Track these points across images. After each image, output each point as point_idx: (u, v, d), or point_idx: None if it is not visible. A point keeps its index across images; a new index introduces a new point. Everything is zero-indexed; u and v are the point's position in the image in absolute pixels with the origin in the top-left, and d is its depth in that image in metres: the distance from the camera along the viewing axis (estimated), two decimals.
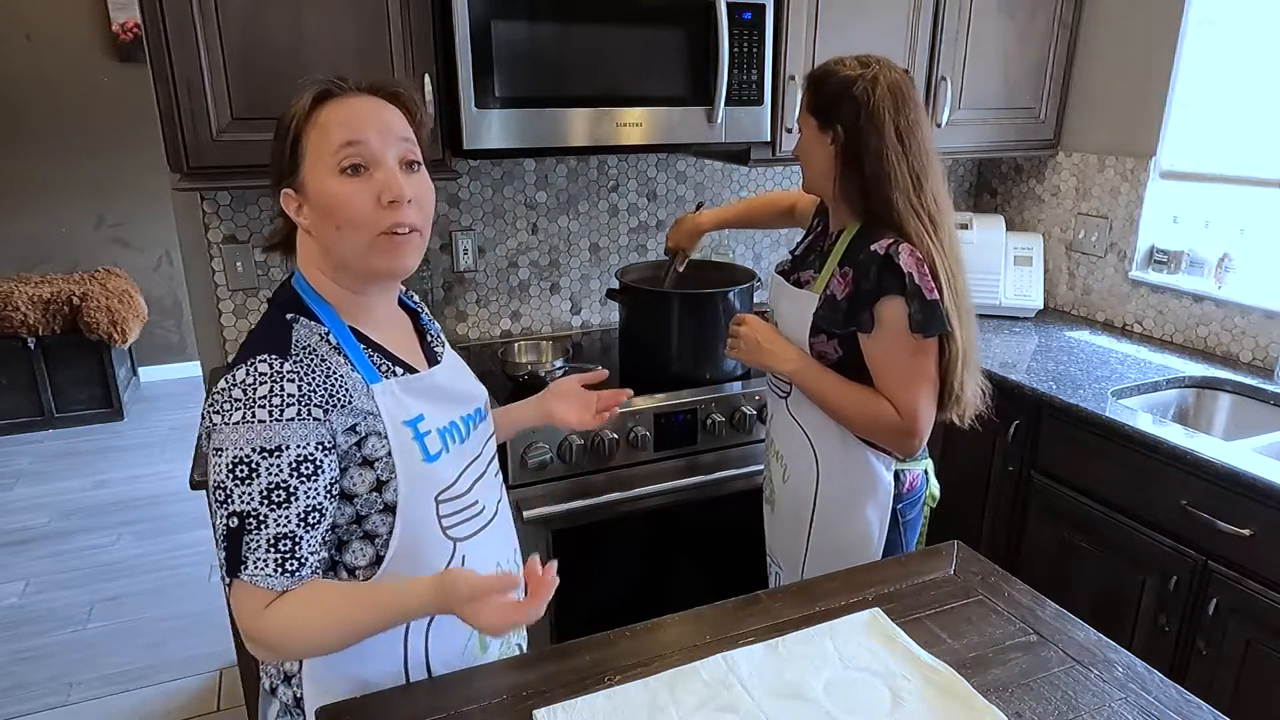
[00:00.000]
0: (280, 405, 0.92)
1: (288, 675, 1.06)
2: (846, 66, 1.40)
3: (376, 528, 1.01)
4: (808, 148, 1.47)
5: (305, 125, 0.98)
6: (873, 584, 1.24)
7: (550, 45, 1.82)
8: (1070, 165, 2.65)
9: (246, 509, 0.92)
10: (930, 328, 1.35)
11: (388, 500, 1.00)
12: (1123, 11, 2.44)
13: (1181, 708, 0.99)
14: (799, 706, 0.98)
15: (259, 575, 0.92)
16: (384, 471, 0.99)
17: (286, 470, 0.92)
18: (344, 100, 1.00)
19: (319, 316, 1.02)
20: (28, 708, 2.40)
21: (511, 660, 1.12)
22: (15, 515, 3.48)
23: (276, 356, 0.94)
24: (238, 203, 2.06)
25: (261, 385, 0.93)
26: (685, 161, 2.52)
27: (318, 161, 0.97)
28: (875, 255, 1.36)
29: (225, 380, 0.94)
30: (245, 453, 0.91)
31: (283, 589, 0.93)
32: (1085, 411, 1.92)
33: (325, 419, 0.95)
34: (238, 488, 0.91)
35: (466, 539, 1.08)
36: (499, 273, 2.39)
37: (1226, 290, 2.27)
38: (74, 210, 4.58)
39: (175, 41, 1.60)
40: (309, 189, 0.99)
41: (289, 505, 0.92)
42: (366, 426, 0.98)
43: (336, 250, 1.00)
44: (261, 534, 0.92)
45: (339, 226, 0.98)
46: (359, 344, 1.03)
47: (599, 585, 2.00)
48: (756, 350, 1.52)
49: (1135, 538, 1.86)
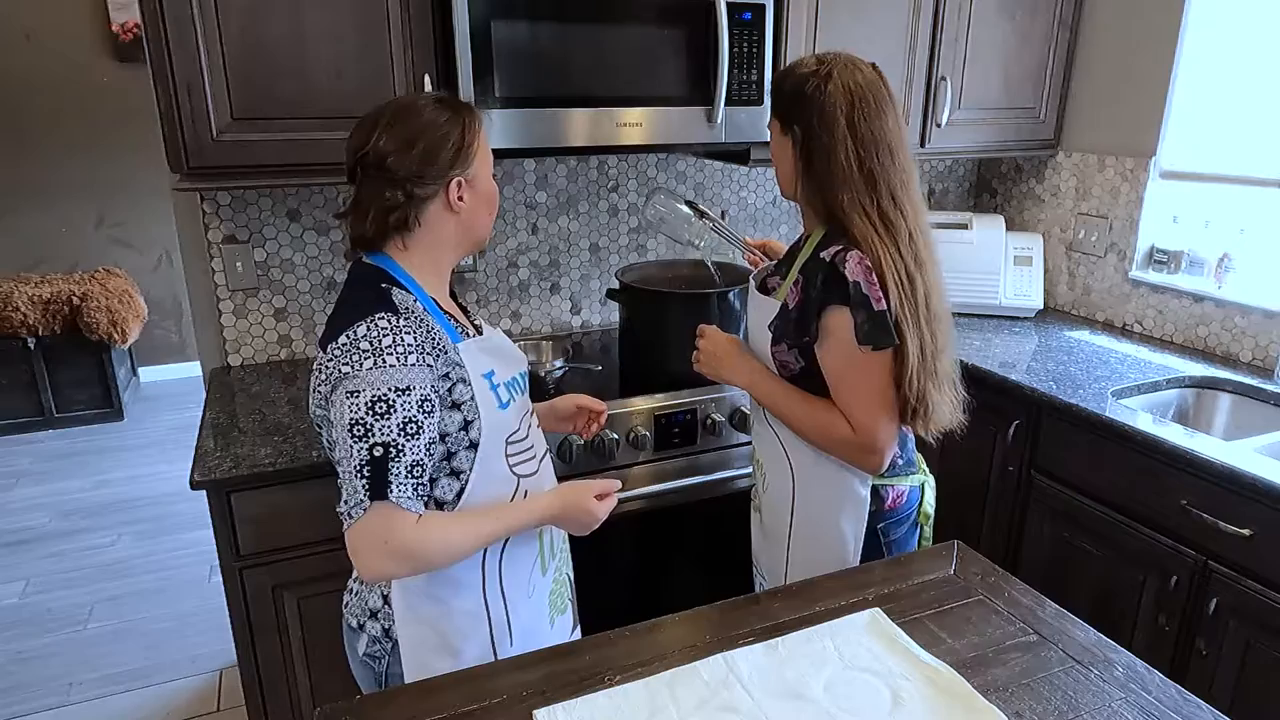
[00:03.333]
0: (404, 352, 1.09)
1: (373, 611, 1.22)
2: (804, 65, 1.35)
3: (462, 464, 1.18)
4: (775, 151, 1.44)
5: (480, 129, 1.21)
6: (873, 584, 1.24)
7: (550, 45, 1.82)
8: (1070, 165, 2.65)
9: (389, 440, 1.06)
10: (879, 339, 1.27)
11: (473, 438, 1.17)
12: (1123, 11, 2.44)
13: (1181, 708, 0.99)
14: (799, 706, 0.98)
15: (403, 498, 1.07)
16: (469, 413, 1.17)
17: (415, 406, 1.08)
18: None
19: (408, 288, 1.18)
20: (28, 708, 2.40)
21: (511, 660, 1.12)
22: (15, 515, 3.48)
23: (391, 314, 1.11)
24: (238, 203, 2.06)
25: (385, 336, 1.09)
26: (685, 161, 2.52)
27: (485, 163, 1.23)
28: (821, 262, 1.30)
29: (346, 337, 1.09)
30: (383, 392, 1.06)
31: (417, 511, 1.08)
32: (1085, 411, 1.92)
33: (434, 366, 1.12)
34: (378, 421, 1.06)
35: (527, 476, 1.26)
36: (499, 273, 2.39)
37: (1226, 290, 2.27)
38: (74, 210, 4.58)
39: (175, 41, 1.60)
40: (479, 181, 1.21)
41: (419, 436, 1.08)
42: (456, 375, 1.15)
43: (481, 228, 1.25)
44: (402, 461, 1.07)
45: (491, 211, 1.26)
46: (440, 311, 1.20)
47: (598, 585, 2.00)
48: (714, 362, 1.51)
49: (1135, 538, 1.86)
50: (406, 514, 1.07)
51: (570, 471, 1.87)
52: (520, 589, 1.27)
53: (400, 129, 1.15)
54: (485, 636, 1.24)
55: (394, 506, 1.07)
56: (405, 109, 1.17)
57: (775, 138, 1.42)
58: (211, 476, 1.57)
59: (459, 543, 1.13)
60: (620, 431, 1.90)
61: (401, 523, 1.07)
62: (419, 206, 1.18)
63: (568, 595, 1.42)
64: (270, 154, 1.72)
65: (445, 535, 1.11)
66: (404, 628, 1.20)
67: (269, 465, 1.60)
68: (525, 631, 1.27)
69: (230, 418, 1.84)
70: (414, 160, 1.15)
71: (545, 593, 1.33)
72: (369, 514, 1.06)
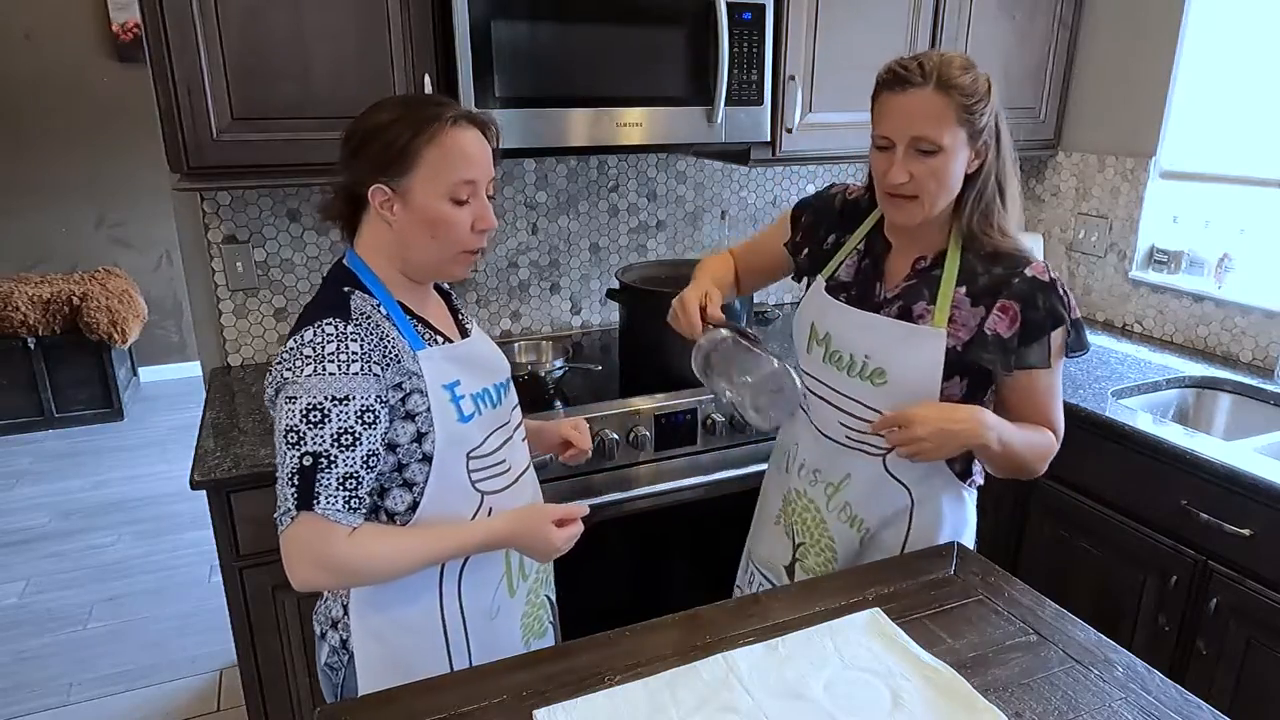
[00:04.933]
0: (346, 360, 1.05)
1: (334, 620, 1.19)
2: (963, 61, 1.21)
3: (415, 476, 1.14)
4: (945, 165, 1.21)
5: (429, 141, 1.09)
6: (873, 584, 1.24)
7: (550, 45, 1.82)
8: (1070, 165, 2.65)
9: (320, 449, 1.04)
10: (1083, 345, 1.28)
11: (426, 451, 1.13)
12: (1123, 11, 2.44)
13: (1181, 708, 0.99)
14: (799, 706, 0.98)
15: (330, 509, 1.04)
16: (424, 425, 1.12)
17: (353, 417, 1.05)
18: (463, 130, 1.12)
19: (371, 291, 1.14)
20: (28, 708, 2.40)
21: (511, 660, 1.12)
22: (15, 515, 3.48)
23: (340, 319, 1.07)
24: (238, 203, 2.06)
25: (329, 343, 1.05)
26: (685, 161, 2.52)
27: (434, 181, 1.10)
28: (1038, 282, 1.24)
29: (293, 341, 1.07)
30: (318, 400, 1.04)
31: (348, 524, 1.06)
32: (1085, 411, 1.92)
33: (382, 375, 1.08)
34: (311, 430, 1.03)
35: (494, 493, 1.21)
36: (499, 273, 2.39)
37: (1226, 290, 2.27)
38: (74, 210, 4.58)
39: (175, 41, 1.60)
40: (415, 198, 1.10)
41: (355, 449, 1.05)
42: (411, 385, 1.11)
43: (420, 253, 1.14)
44: (332, 472, 1.04)
45: (435, 237, 1.13)
46: (406, 316, 1.15)
47: (599, 585, 2.00)
48: (946, 438, 1.22)
49: (1135, 538, 1.86)
50: (335, 526, 1.05)
51: (571, 471, 1.87)
52: (481, 611, 1.22)
53: (358, 118, 1.13)
54: (442, 657, 1.20)
55: (317, 518, 1.04)
56: (381, 100, 1.15)
57: (953, 148, 1.20)
58: (211, 476, 1.57)
59: (393, 560, 1.09)
60: (620, 432, 1.90)
61: (329, 535, 1.05)
62: (356, 203, 1.15)
63: (547, 619, 1.39)
64: (270, 154, 1.72)
65: (377, 551, 1.08)
66: (359, 641, 1.17)
67: (269, 465, 1.60)
68: (489, 655, 1.18)
69: (230, 418, 1.84)
70: (347, 152, 1.13)
71: (517, 615, 1.29)
72: (296, 523, 1.05)
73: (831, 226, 1.45)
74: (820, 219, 1.47)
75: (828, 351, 1.36)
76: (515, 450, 1.27)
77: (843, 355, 1.34)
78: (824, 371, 1.38)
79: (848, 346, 1.34)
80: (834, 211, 1.46)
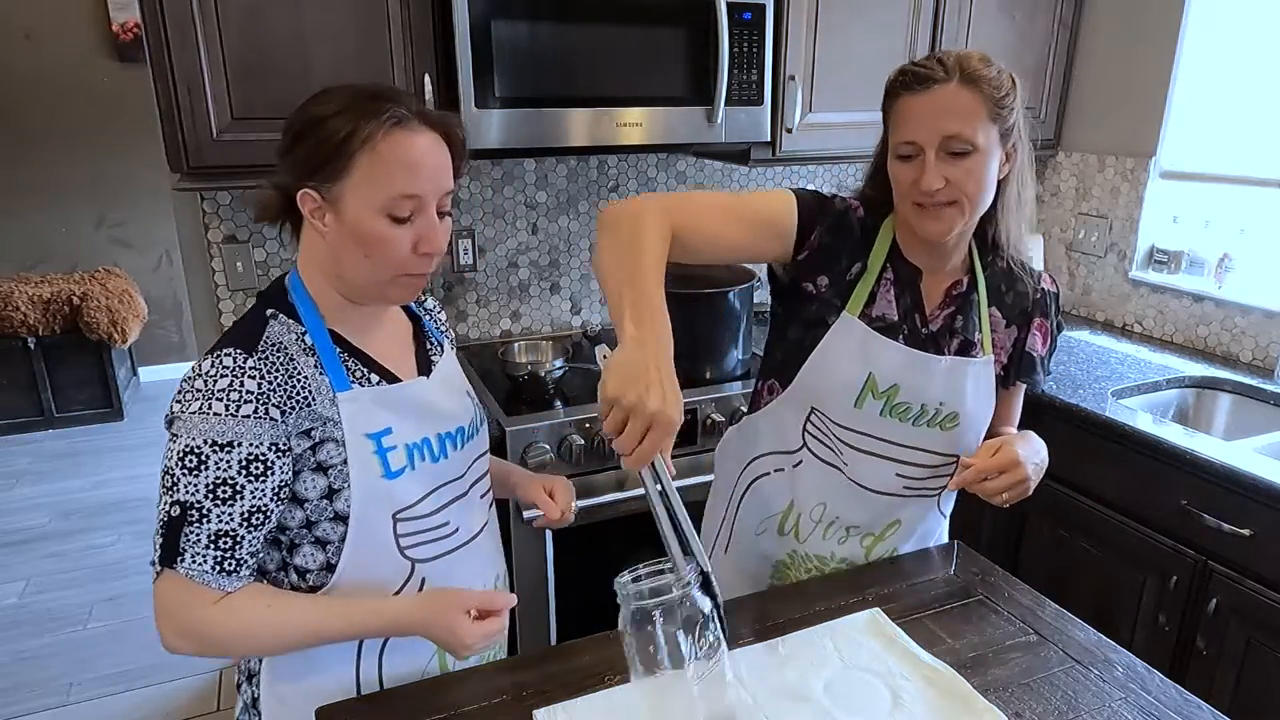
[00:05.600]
0: (238, 401, 0.92)
1: (250, 674, 1.08)
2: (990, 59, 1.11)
3: (327, 535, 1.00)
4: (983, 168, 1.10)
5: (364, 144, 0.93)
6: (873, 584, 1.24)
7: (550, 45, 1.82)
8: (1070, 165, 2.65)
9: (190, 499, 0.91)
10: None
11: (339, 509, 0.99)
12: (1123, 11, 2.44)
13: (1181, 708, 0.99)
14: (799, 706, 0.98)
15: (195, 570, 0.91)
16: (337, 480, 0.98)
17: (236, 467, 0.92)
18: (409, 135, 0.95)
19: (300, 316, 1.00)
20: (28, 708, 2.40)
21: (512, 660, 1.12)
22: (15, 515, 3.48)
23: (241, 351, 0.94)
24: (238, 203, 2.06)
25: (222, 378, 0.92)
26: (685, 161, 2.52)
27: (368, 191, 0.94)
28: (1053, 295, 1.26)
29: (191, 370, 0.95)
30: (197, 444, 0.91)
31: (219, 588, 0.93)
32: (1085, 411, 1.92)
33: (282, 420, 0.94)
34: (185, 477, 0.91)
35: (428, 561, 1.05)
36: (499, 273, 2.39)
37: (1226, 290, 2.27)
38: (74, 210, 4.58)
39: (175, 41, 1.60)
40: (346, 210, 0.96)
41: (234, 503, 0.92)
42: (323, 433, 0.97)
43: (354, 272, 0.99)
44: (203, 528, 0.91)
45: (369, 257, 0.97)
46: (335, 348, 1.00)
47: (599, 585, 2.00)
48: (1032, 475, 1.19)
49: (1135, 538, 1.86)
50: (200, 590, 0.92)
51: (571, 471, 1.87)
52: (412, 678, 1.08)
53: (302, 105, 0.99)
54: None
55: (179, 579, 0.91)
56: (330, 88, 0.99)
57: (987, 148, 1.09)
58: None
59: (271, 636, 0.95)
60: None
61: (192, 598, 0.92)
62: (287, 203, 1.00)
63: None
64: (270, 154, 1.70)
65: (251, 623, 0.94)
66: (267, 706, 1.05)
67: None
68: None
69: None
70: (283, 144, 0.99)
71: None
72: (160, 580, 0.93)
73: (855, 252, 1.22)
74: (840, 241, 1.21)
75: (889, 405, 1.20)
76: (466, 511, 1.10)
77: (911, 406, 1.20)
78: (880, 426, 1.21)
79: (919, 397, 1.20)
80: (853, 233, 1.22)
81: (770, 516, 1.33)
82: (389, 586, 1.03)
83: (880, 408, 1.20)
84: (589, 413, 1.87)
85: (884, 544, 1.31)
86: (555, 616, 1.96)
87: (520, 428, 1.81)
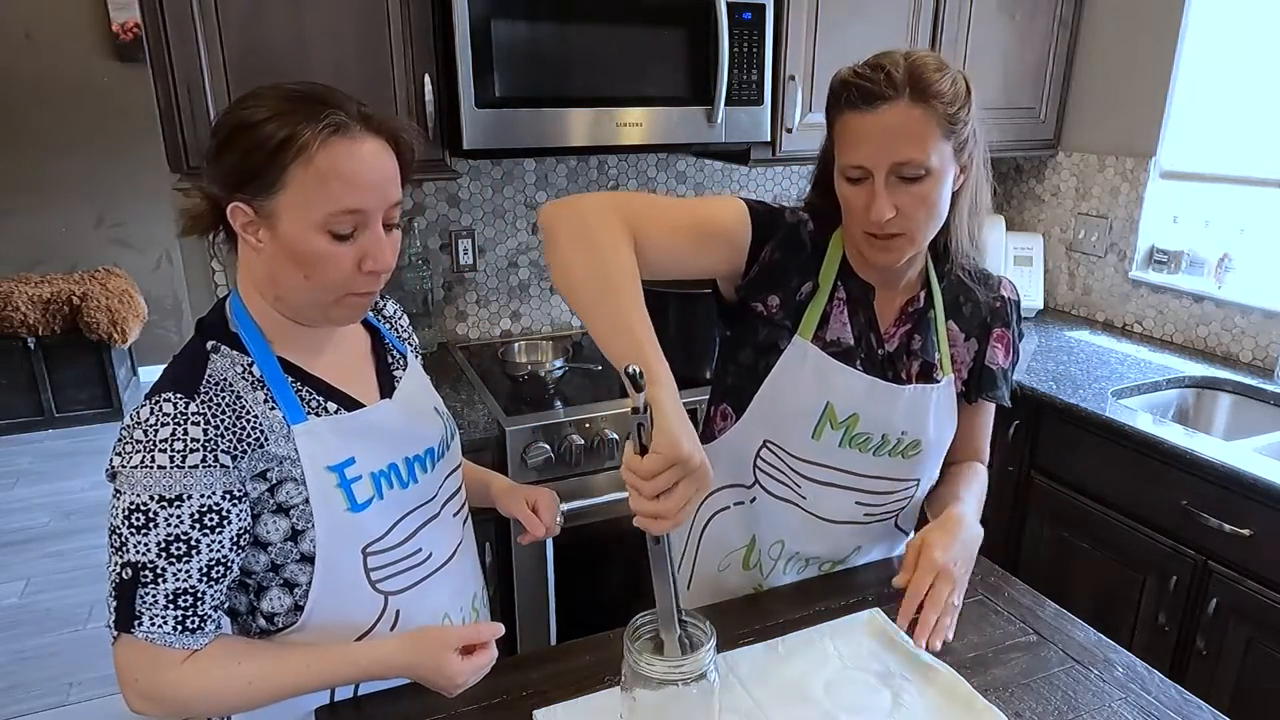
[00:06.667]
0: (183, 451, 0.84)
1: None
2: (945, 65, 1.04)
3: (295, 576, 0.94)
4: (936, 189, 1.03)
5: (298, 154, 0.85)
6: (873, 584, 1.24)
7: (550, 45, 1.82)
8: (1070, 165, 2.65)
9: (141, 560, 0.84)
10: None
11: (304, 550, 0.93)
12: (1123, 11, 2.44)
13: (1181, 708, 0.99)
14: (799, 706, 0.98)
15: (156, 633, 0.85)
16: (300, 520, 0.92)
17: (188, 521, 0.85)
18: (349, 143, 0.87)
19: (245, 345, 0.92)
20: (28, 708, 2.40)
21: (511, 660, 1.11)
22: (15, 515, 3.48)
23: (182, 396, 0.86)
24: None
25: (164, 427, 0.85)
26: (685, 161, 2.52)
27: (305, 207, 0.86)
28: (1013, 302, 1.22)
29: (131, 417, 0.87)
30: (142, 500, 0.84)
31: (184, 647, 0.87)
32: (1085, 411, 1.92)
33: (234, 465, 0.87)
34: (133, 536, 0.84)
35: (401, 592, 1.00)
36: (499, 273, 2.39)
37: (1226, 290, 2.27)
38: (74, 210, 4.58)
39: (175, 41, 1.60)
40: (281, 227, 0.87)
41: (190, 559, 0.86)
42: (280, 473, 0.90)
43: (294, 293, 0.91)
44: (159, 588, 0.85)
45: (309, 277, 0.89)
46: (287, 377, 0.93)
47: (599, 585, 2.00)
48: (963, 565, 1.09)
49: (1135, 538, 1.86)
50: (163, 652, 0.86)
51: (571, 472, 1.87)
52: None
53: (230, 106, 0.91)
54: None
55: (139, 643, 0.85)
56: (262, 88, 0.89)
57: (940, 169, 1.03)
58: None
59: (239, 697, 0.89)
60: (620, 433, 1.90)
61: (156, 662, 0.86)
62: (219, 215, 0.91)
63: None
64: None
65: (221, 682, 0.88)
66: None
67: None
68: None
69: None
70: (210, 149, 0.90)
71: None
72: (118, 645, 0.86)
73: (805, 270, 1.14)
74: (790, 259, 1.13)
75: (849, 435, 1.14)
76: (439, 534, 1.05)
77: (871, 437, 1.14)
78: (840, 457, 1.15)
79: (880, 427, 1.14)
80: (804, 250, 1.14)
81: (733, 552, 1.27)
82: (361, 624, 0.97)
83: (839, 438, 1.14)
84: (589, 413, 1.87)
85: (844, 566, 1.29)
86: (555, 616, 1.96)
87: (520, 428, 1.81)
